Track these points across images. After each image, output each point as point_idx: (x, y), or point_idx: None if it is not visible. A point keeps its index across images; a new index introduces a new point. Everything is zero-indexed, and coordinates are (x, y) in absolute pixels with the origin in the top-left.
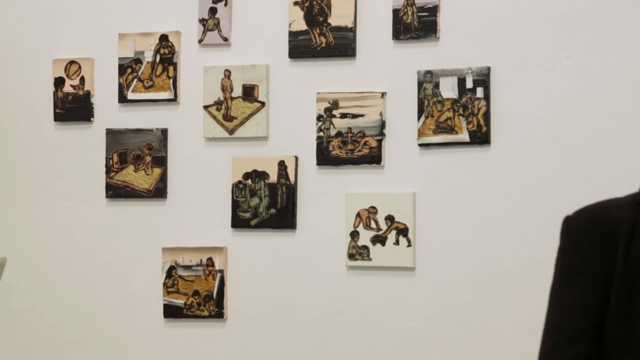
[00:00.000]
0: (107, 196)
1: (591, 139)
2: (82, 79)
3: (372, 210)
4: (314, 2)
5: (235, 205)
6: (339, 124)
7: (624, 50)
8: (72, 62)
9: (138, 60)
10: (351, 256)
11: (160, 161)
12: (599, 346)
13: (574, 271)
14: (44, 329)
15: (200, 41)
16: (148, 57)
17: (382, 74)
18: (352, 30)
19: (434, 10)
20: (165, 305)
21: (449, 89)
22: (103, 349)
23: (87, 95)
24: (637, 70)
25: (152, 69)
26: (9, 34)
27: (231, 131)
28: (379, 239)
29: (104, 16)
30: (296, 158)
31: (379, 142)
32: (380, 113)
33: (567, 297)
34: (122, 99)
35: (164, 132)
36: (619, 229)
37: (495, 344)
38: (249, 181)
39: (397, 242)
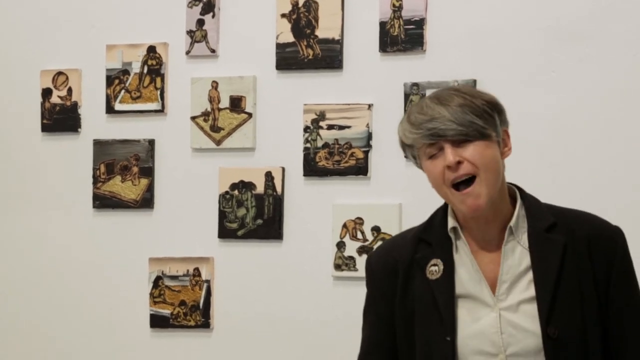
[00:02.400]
0: (94, 206)
1: (576, 152)
2: (70, 90)
3: (359, 221)
4: (301, 15)
5: (222, 215)
6: (326, 135)
7: (609, 65)
8: (59, 73)
9: (125, 72)
10: (337, 266)
11: (148, 172)
12: None
13: (366, 310)
14: (31, 339)
15: (187, 52)
16: (136, 68)
17: (369, 86)
18: (339, 42)
19: (420, 23)
20: (151, 315)
21: None
22: (89, 358)
23: (75, 106)
24: (623, 84)
25: (139, 80)
26: None
27: (218, 142)
28: (365, 250)
29: (92, 27)
30: (283, 169)
31: (366, 153)
32: (367, 125)
33: (364, 333)
34: (110, 109)
35: (151, 142)
36: (399, 271)
37: None
38: (236, 192)
39: None
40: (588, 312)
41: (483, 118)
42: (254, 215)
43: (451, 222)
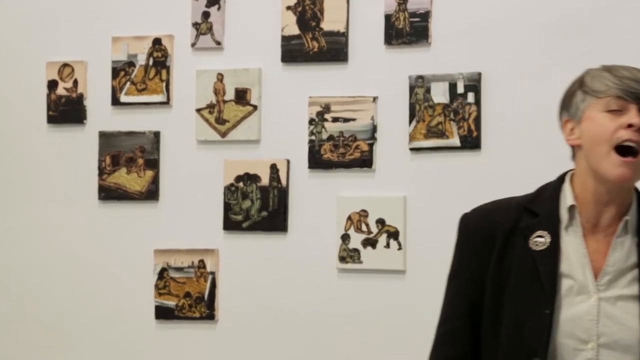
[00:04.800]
0: (99, 198)
1: None
2: (76, 82)
3: (363, 214)
4: (307, 7)
5: (227, 207)
6: (331, 127)
7: (612, 58)
8: (65, 65)
9: (131, 64)
10: (342, 259)
11: (153, 164)
12: (472, 346)
13: (454, 271)
14: (35, 331)
15: (193, 45)
16: (141, 60)
17: (374, 79)
18: (344, 35)
19: (425, 16)
20: (156, 307)
21: (440, 94)
22: (95, 350)
23: (80, 97)
24: None
25: (145, 72)
26: (3, 36)
27: (223, 134)
28: (370, 242)
29: (98, 20)
30: (288, 161)
31: (370, 146)
32: (372, 117)
33: (448, 296)
34: (115, 101)
35: (157, 134)
36: (497, 235)
37: None
38: (241, 184)
39: (387, 245)
40: None
41: None
42: (258, 207)
43: (570, 200)
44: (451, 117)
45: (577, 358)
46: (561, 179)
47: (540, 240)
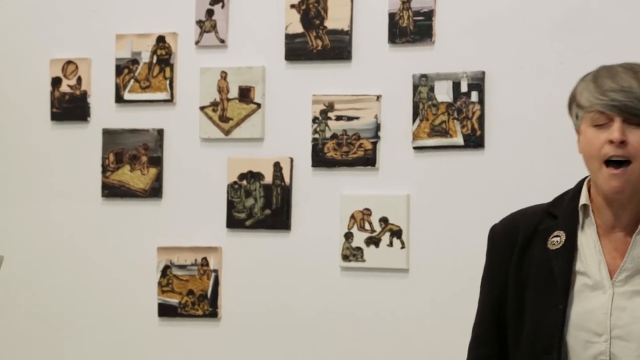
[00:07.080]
0: (103, 195)
1: None
2: (79, 79)
3: (367, 212)
4: (311, 5)
5: (231, 205)
6: (334, 126)
7: (616, 56)
8: (69, 62)
9: (135, 61)
10: (345, 257)
11: (156, 161)
12: (500, 348)
13: (484, 277)
14: (39, 328)
15: (197, 43)
16: (145, 58)
17: (378, 77)
18: (348, 33)
19: (429, 15)
20: (159, 305)
21: (443, 93)
22: (98, 347)
23: (84, 95)
24: None
25: (148, 69)
26: (7, 33)
27: (227, 132)
28: (373, 241)
29: (102, 17)
30: (291, 159)
31: (374, 144)
32: (376, 116)
33: (480, 300)
34: (119, 99)
35: (160, 132)
36: (519, 239)
37: None
38: (244, 182)
39: (390, 244)
40: None
41: None
42: (262, 205)
43: (583, 199)
44: (455, 115)
45: (589, 350)
46: (581, 183)
47: (556, 240)
